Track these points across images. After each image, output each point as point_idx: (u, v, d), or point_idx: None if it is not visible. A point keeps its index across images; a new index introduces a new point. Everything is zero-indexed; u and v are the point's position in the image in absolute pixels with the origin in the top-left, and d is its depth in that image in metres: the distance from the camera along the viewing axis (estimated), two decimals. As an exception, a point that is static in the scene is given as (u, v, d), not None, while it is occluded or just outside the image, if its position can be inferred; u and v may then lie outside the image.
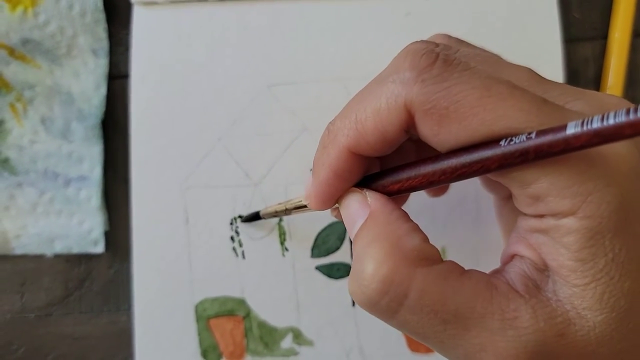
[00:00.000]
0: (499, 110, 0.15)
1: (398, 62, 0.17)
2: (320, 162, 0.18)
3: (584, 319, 0.15)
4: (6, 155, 0.29)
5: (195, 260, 0.29)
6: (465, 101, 0.15)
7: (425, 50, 0.16)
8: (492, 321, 0.15)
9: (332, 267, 0.29)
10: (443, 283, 0.16)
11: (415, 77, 0.16)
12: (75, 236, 0.29)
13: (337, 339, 0.29)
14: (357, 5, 0.29)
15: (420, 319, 0.16)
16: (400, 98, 0.16)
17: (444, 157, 0.16)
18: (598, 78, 0.30)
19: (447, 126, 0.15)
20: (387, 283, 0.16)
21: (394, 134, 0.17)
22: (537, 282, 0.16)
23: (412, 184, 0.17)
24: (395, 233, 0.17)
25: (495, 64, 0.17)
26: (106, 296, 0.30)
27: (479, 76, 0.15)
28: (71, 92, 0.29)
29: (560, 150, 0.13)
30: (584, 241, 0.14)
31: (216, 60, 0.29)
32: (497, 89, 0.15)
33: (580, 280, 0.15)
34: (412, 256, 0.16)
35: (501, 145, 0.14)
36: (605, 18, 0.30)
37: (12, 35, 0.29)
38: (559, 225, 0.15)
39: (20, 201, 0.29)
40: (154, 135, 0.29)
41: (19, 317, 0.30)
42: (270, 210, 0.25)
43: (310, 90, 0.29)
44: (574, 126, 0.13)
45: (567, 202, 0.14)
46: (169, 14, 0.29)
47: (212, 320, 0.29)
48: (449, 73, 0.15)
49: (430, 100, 0.15)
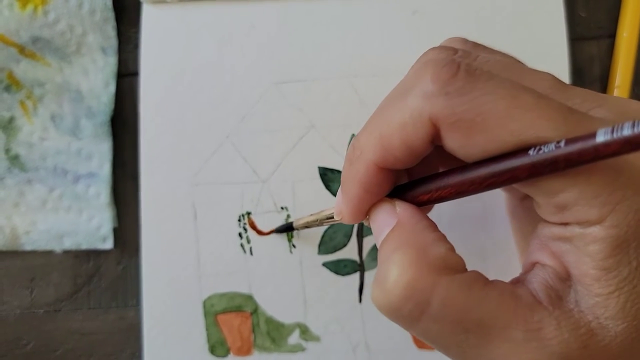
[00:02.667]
0: (526, 120, 0.14)
1: (419, 74, 0.16)
2: (349, 178, 0.18)
3: (606, 329, 0.15)
4: (16, 152, 0.30)
5: (203, 256, 0.29)
6: (491, 112, 0.15)
7: (446, 60, 0.16)
8: (516, 332, 0.15)
9: (339, 263, 0.29)
10: (467, 292, 0.16)
11: (438, 90, 0.15)
12: (84, 232, 0.29)
13: (344, 334, 0.29)
14: (364, 3, 0.29)
15: (442, 328, 0.16)
16: (425, 112, 0.16)
17: (472, 167, 0.16)
18: (603, 77, 0.31)
19: (474, 138, 0.15)
20: (410, 290, 0.16)
21: (420, 147, 0.16)
22: (559, 292, 0.16)
23: (441, 194, 0.17)
24: (421, 241, 0.17)
25: (517, 71, 0.17)
26: (114, 292, 0.30)
27: (504, 85, 0.15)
28: (80, 89, 0.30)
29: (590, 159, 0.13)
30: (610, 250, 0.14)
31: (224, 58, 0.29)
32: (524, 99, 0.15)
33: (603, 289, 0.15)
34: (437, 264, 0.16)
35: (530, 154, 0.14)
36: (611, 17, 0.31)
37: (22, 33, 0.29)
38: (584, 234, 0.15)
39: (29, 198, 0.30)
40: (162, 132, 0.29)
41: (28, 313, 0.30)
42: (302, 222, 0.25)
43: (317, 87, 0.29)
44: (603, 134, 0.13)
45: (595, 211, 0.14)
46: (178, 13, 0.29)
47: (220, 316, 0.29)
48: (473, 84, 0.15)
49: (455, 113, 0.15)
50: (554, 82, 0.17)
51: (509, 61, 0.18)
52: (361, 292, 0.29)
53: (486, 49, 0.19)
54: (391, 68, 0.29)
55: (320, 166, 0.29)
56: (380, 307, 0.17)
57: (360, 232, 0.29)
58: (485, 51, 0.19)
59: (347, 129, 0.29)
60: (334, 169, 0.29)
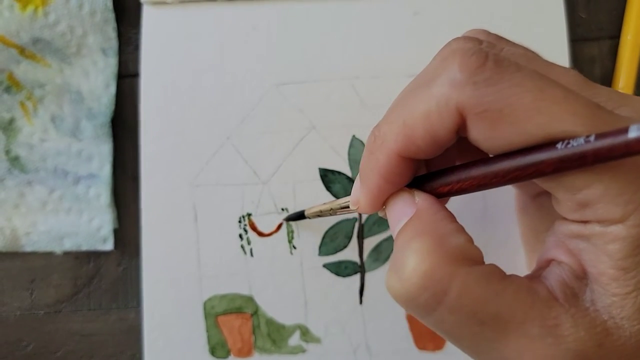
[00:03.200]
0: (554, 113, 0.14)
1: (446, 62, 0.16)
2: (369, 168, 0.18)
3: (621, 329, 0.15)
4: (16, 153, 0.30)
5: (203, 258, 0.29)
6: (519, 104, 0.15)
7: (474, 49, 0.16)
8: (532, 327, 0.15)
9: (340, 265, 0.29)
10: (485, 284, 0.15)
11: (466, 79, 0.15)
12: (84, 234, 0.29)
13: (345, 336, 0.29)
14: (365, 4, 0.29)
15: (458, 319, 0.15)
16: (452, 101, 0.15)
17: (496, 159, 0.16)
18: (604, 78, 0.31)
19: (500, 130, 0.15)
20: (428, 279, 0.15)
21: (445, 137, 0.16)
22: (575, 290, 0.16)
23: (462, 186, 0.17)
24: (439, 230, 0.16)
25: (542, 65, 0.17)
26: (115, 293, 0.30)
27: (532, 78, 0.15)
28: (81, 90, 0.30)
29: (620, 154, 0.13)
30: (630, 250, 0.14)
31: (225, 59, 0.29)
32: (552, 92, 0.15)
33: (620, 289, 0.15)
34: (455, 254, 0.16)
35: (558, 148, 0.14)
36: (612, 18, 0.31)
37: (23, 34, 0.29)
38: (604, 233, 0.15)
39: (30, 199, 0.30)
40: (163, 133, 0.29)
41: (29, 314, 0.30)
42: (315, 210, 0.25)
43: (318, 89, 0.29)
44: (636, 129, 0.12)
45: (618, 210, 0.14)
46: (178, 14, 0.29)
47: (220, 317, 0.29)
48: (501, 75, 0.15)
49: (483, 103, 0.15)
50: (579, 78, 0.17)
51: (532, 55, 0.18)
52: (362, 293, 0.29)
53: (509, 42, 0.19)
54: (392, 69, 0.29)
55: (320, 167, 0.29)
56: (395, 295, 0.16)
57: (360, 234, 0.29)
58: (508, 44, 0.19)
59: (348, 130, 0.29)
60: (335, 170, 0.29)
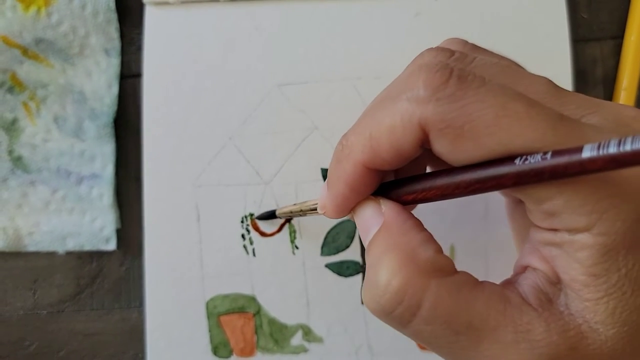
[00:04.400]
0: (514, 129, 0.14)
1: (412, 77, 0.16)
2: (336, 176, 0.18)
3: (596, 332, 0.15)
4: (19, 153, 0.30)
5: (206, 258, 0.29)
6: (480, 120, 0.15)
7: (439, 65, 0.16)
8: (505, 333, 0.15)
9: (342, 265, 0.29)
10: (456, 294, 0.16)
11: (429, 96, 0.15)
12: (87, 234, 0.29)
13: (347, 336, 0.29)
14: (367, 5, 0.29)
15: (433, 330, 0.16)
16: (415, 117, 0.16)
17: (458, 171, 0.16)
18: (606, 78, 0.31)
19: (462, 145, 0.15)
20: (401, 293, 0.16)
21: (408, 150, 0.17)
22: (550, 295, 0.16)
23: (426, 195, 0.17)
24: (409, 244, 0.17)
25: (512, 75, 0.17)
26: (117, 293, 0.30)
27: (495, 93, 0.15)
28: (83, 91, 0.30)
29: (575, 173, 0.13)
30: (598, 257, 0.14)
31: (227, 59, 0.29)
32: (514, 108, 0.15)
33: (592, 295, 0.15)
34: (426, 267, 0.16)
35: (516, 163, 0.14)
36: (614, 18, 0.31)
37: (26, 34, 0.29)
38: (573, 240, 0.15)
39: (33, 199, 0.30)
40: (165, 134, 0.29)
41: (32, 314, 0.30)
42: (286, 210, 0.25)
43: (320, 89, 0.29)
44: (590, 149, 0.13)
45: (582, 219, 0.14)
46: (181, 14, 0.29)
47: (222, 317, 0.29)
48: (464, 91, 0.15)
49: (445, 119, 0.15)
50: (550, 86, 0.17)
51: (506, 64, 0.18)
52: (364, 293, 0.29)
53: (485, 51, 0.19)
54: (394, 70, 0.29)
55: (323, 168, 0.29)
56: (372, 310, 0.17)
57: (362, 234, 0.29)
58: (483, 53, 0.19)
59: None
60: (337, 171, 0.29)
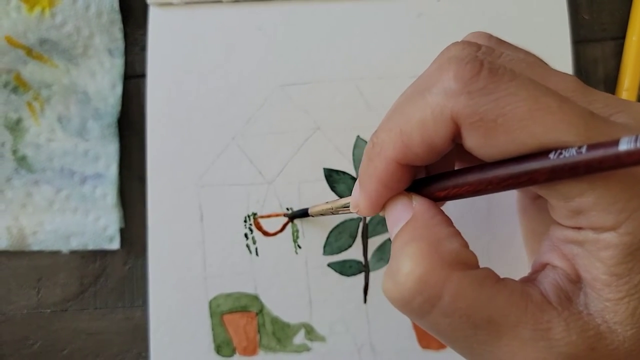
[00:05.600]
0: (547, 123, 0.14)
1: (441, 70, 0.16)
2: (368, 174, 0.18)
3: (615, 333, 0.15)
4: (23, 153, 0.30)
5: (209, 257, 0.29)
6: (513, 114, 0.15)
7: (469, 57, 0.16)
8: (525, 331, 0.15)
9: (344, 264, 0.29)
10: (478, 288, 0.16)
11: (461, 89, 0.15)
12: (90, 233, 0.30)
13: (349, 335, 0.29)
14: (370, 6, 0.29)
15: (452, 322, 0.16)
16: (447, 110, 0.16)
17: (491, 166, 0.16)
18: (607, 79, 0.31)
19: (494, 138, 0.15)
20: (422, 283, 0.16)
21: (440, 145, 0.16)
22: (569, 293, 0.16)
23: (458, 191, 0.17)
24: (435, 235, 0.17)
25: (540, 71, 0.17)
26: (121, 292, 0.30)
27: (526, 87, 0.15)
28: (87, 91, 0.30)
29: (611, 166, 0.13)
30: (622, 257, 0.14)
31: (230, 60, 0.29)
32: (546, 101, 0.15)
33: (613, 295, 0.15)
34: (449, 259, 0.16)
35: (550, 157, 0.14)
36: (615, 19, 0.31)
37: (30, 35, 0.29)
38: (597, 239, 0.15)
39: (37, 198, 0.30)
40: (169, 133, 0.29)
41: (35, 313, 0.30)
42: (318, 209, 0.25)
43: (323, 89, 0.29)
44: (627, 142, 0.13)
45: (610, 218, 0.14)
46: (184, 15, 0.30)
47: (225, 316, 0.29)
48: (496, 84, 0.15)
49: (477, 112, 0.15)
50: (577, 84, 0.17)
51: (533, 60, 0.18)
52: (366, 292, 0.29)
53: (510, 46, 0.19)
54: (396, 70, 0.29)
55: (325, 167, 0.29)
56: (391, 299, 0.17)
57: (365, 233, 0.29)
58: (509, 48, 0.19)
59: (353, 131, 0.29)
60: (339, 171, 0.29)
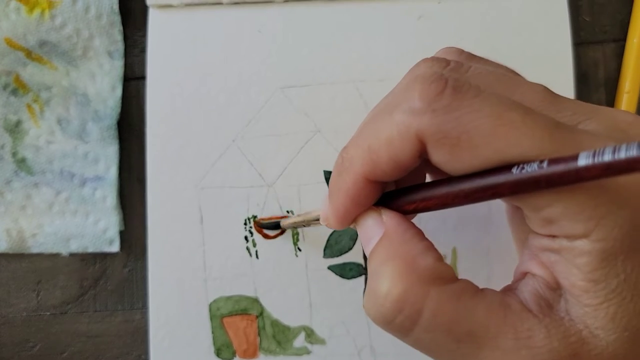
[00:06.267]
0: (511, 138, 0.15)
1: (407, 89, 0.17)
2: (337, 188, 0.19)
3: (597, 338, 0.15)
4: (23, 155, 0.30)
5: (209, 260, 0.29)
6: (476, 131, 0.15)
7: (435, 76, 0.16)
8: (506, 340, 0.15)
9: (345, 267, 0.29)
10: (457, 302, 0.16)
11: (425, 108, 0.16)
12: (90, 235, 0.30)
13: (349, 338, 0.29)
14: (370, 8, 0.29)
15: (434, 338, 0.16)
16: (412, 128, 0.16)
17: (457, 180, 0.16)
18: (608, 81, 0.31)
19: (459, 155, 0.15)
20: (402, 302, 0.16)
21: (407, 161, 0.17)
22: (550, 301, 0.16)
23: (426, 205, 0.17)
24: (409, 252, 0.17)
25: (508, 83, 0.17)
26: (121, 295, 0.30)
27: (490, 103, 0.15)
28: (87, 93, 0.30)
29: (571, 181, 0.13)
30: (597, 263, 0.14)
31: (230, 62, 0.29)
32: (509, 117, 0.15)
33: (592, 300, 0.15)
34: (426, 275, 0.16)
35: (513, 172, 0.14)
36: (616, 21, 0.31)
37: (29, 37, 0.29)
38: (571, 247, 0.15)
39: (36, 201, 0.30)
40: (169, 136, 0.29)
41: (35, 315, 0.30)
42: (289, 221, 0.26)
43: (323, 92, 0.29)
44: (585, 157, 0.13)
45: (580, 226, 0.14)
46: (184, 17, 0.29)
47: (225, 319, 0.29)
48: (459, 102, 0.15)
49: (441, 130, 0.15)
50: (545, 94, 0.17)
51: (501, 72, 0.18)
52: (366, 295, 0.29)
53: (480, 59, 0.19)
54: (396, 73, 0.29)
55: (325, 170, 0.29)
56: (373, 318, 0.17)
57: (365, 236, 0.29)
58: (478, 62, 0.19)
59: (353, 133, 0.29)
60: (340, 173, 0.29)
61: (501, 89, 0.17)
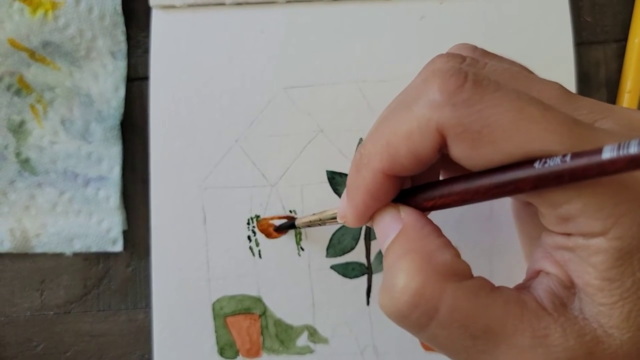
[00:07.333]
0: (531, 132, 0.15)
1: (426, 83, 0.16)
2: (355, 185, 0.18)
3: (611, 337, 0.15)
4: (27, 155, 0.30)
5: (212, 259, 0.29)
6: (497, 124, 0.15)
7: (453, 70, 0.16)
8: (523, 338, 0.15)
9: (347, 266, 0.29)
10: (474, 299, 0.16)
11: (446, 101, 0.16)
12: (94, 235, 0.30)
13: (352, 337, 0.29)
14: (372, 8, 0.30)
15: (450, 334, 0.16)
16: (432, 122, 0.16)
17: (477, 176, 0.16)
18: (609, 81, 0.31)
19: (479, 149, 0.15)
20: (418, 297, 0.16)
21: (427, 155, 0.17)
22: (564, 299, 0.16)
23: (445, 201, 0.17)
24: (426, 247, 0.17)
25: (524, 80, 0.17)
26: (124, 294, 0.30)
27: (510, 97, 0.15)
28: (90, 93, 0.30)
29: (595, 174, 0.13)
30: (612, 261, 0.14)
31: (233, 62, 0.30)
32: (529, 111, 0.15)
33: (607, 299, 0.15)
34: (444, 271, 0.16)
35: (535, 167, 0.14)
36: (617, 21, 0.31)
37: (33, 38, 0.29)
38: (587, 245, 0.15)
39: (40, 201, 0.30)
40: (172, 136, 0.29)
41: (39, 315, 0.30)
42: (305, 220, 0.26)
43: (325, 92, 0.29)
44: (610, 150, 0.13)
45: (598, 224, 0.14)
46: (187, 18, 0.30)
47: (229, 318, 0.29)
48: (480, 95, 0.15)
49: (462, 124, 0.15)
50: (562, 92, 0.17)
51: (517, 70, 0.18)
52: (369, 294, 0.29)
53: (495, 56, 0.19)
54: (399, 73, 0.29)
55: (328, 170, 0.29)
56: (388, 313, 0.17)
57: (368, 235, 0.29)
58: (493, 59, 0.19)
59: (355, 133, 0.29)
60: (342, 173, 0.29)
61: (518, 85, 0.16)
